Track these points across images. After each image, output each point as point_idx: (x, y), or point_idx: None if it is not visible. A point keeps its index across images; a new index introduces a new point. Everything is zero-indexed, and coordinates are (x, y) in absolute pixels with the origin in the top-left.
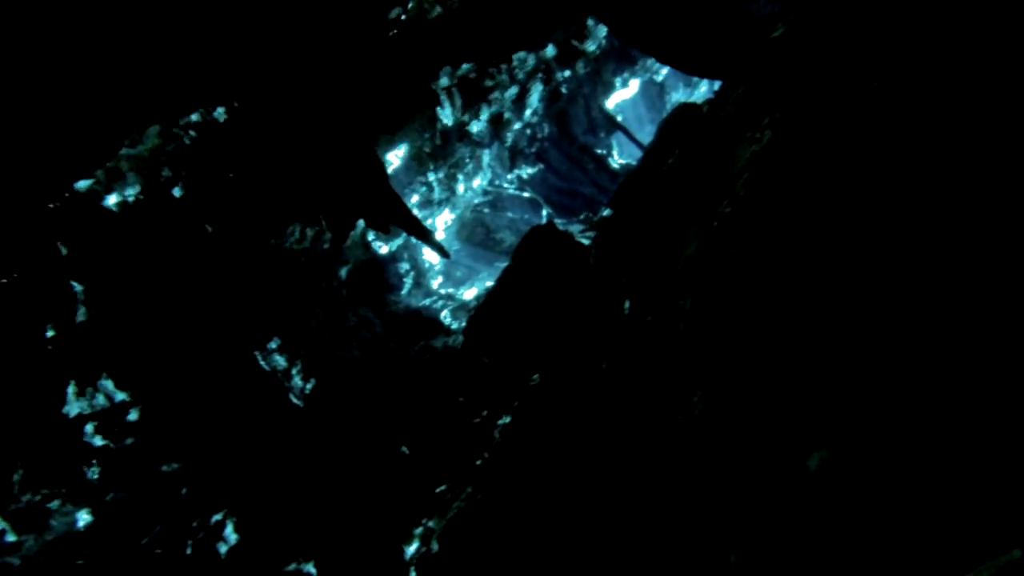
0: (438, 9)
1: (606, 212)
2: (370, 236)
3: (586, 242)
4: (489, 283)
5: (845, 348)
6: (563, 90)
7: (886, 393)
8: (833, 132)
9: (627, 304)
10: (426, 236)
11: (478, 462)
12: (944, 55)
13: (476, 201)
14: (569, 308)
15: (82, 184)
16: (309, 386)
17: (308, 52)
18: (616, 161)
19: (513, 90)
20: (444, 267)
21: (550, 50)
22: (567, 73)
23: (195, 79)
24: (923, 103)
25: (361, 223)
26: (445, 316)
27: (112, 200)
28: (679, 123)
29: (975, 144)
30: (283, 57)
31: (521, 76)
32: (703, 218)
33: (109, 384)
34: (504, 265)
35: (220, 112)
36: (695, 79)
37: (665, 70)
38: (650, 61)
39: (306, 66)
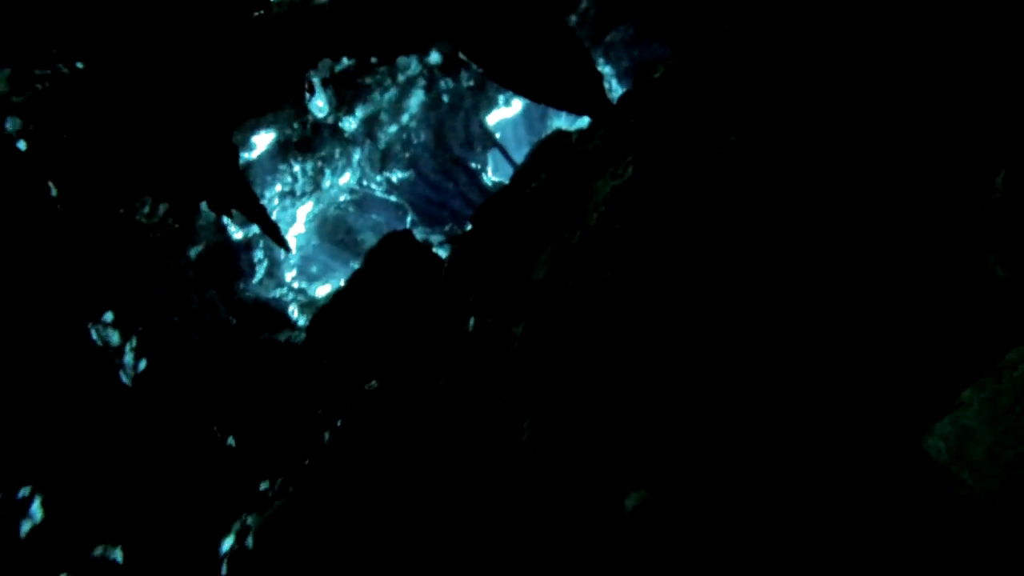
0: None
1: (468, 227)
2: (226, 220)
3: (443, 254)
4: (343, 282)
5: (666, 394)
6: (444, 99)
7: (703, 438)
8: (688, 178)
9: (471, 322)
10: (269, 226)
11: (305, 463)
12: (798, 121)
13: (341, 199)
14: (416, 318)
15: None
16: (142, 365)
17: (177, 19)
18: (489, 178)
19: (392, 92)
20: (299, 261)
21: (435, 56)
22: (450, 83)
23: (55, 28)
24: (774, 163)
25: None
26: (293, 310)
27: None
28: (550, 149)
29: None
30: (149, 18)
31: (402, 79)
32: (554, 245)
33: None
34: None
35: (79, 68)
36: None
37: None
38: None
39: (172, 32)
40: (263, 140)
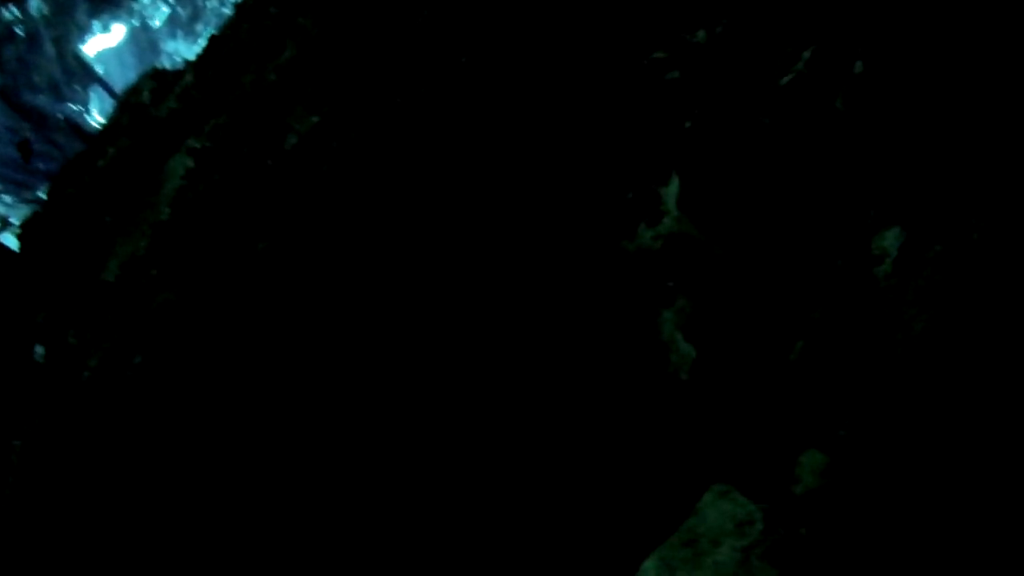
0: None
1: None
2: None
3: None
4: None
5: None
6: (17, 30)
7: None
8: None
9: (39, 351)
10: None
11: None
12: None
13: None
14: None
15: None
16: None
17: None
18: (96, 120)
19: None
20: None
21: None
22: (15, 11)
23: None
24: None
25: None
26: None
27: None
28: (135, 102)
29: None
30: None
31: None
32: (131, 238)
33: None
34: None
35: None
36: (197, 26)
37: (161, 16)
38: (138, 4)
39: None
40: None
